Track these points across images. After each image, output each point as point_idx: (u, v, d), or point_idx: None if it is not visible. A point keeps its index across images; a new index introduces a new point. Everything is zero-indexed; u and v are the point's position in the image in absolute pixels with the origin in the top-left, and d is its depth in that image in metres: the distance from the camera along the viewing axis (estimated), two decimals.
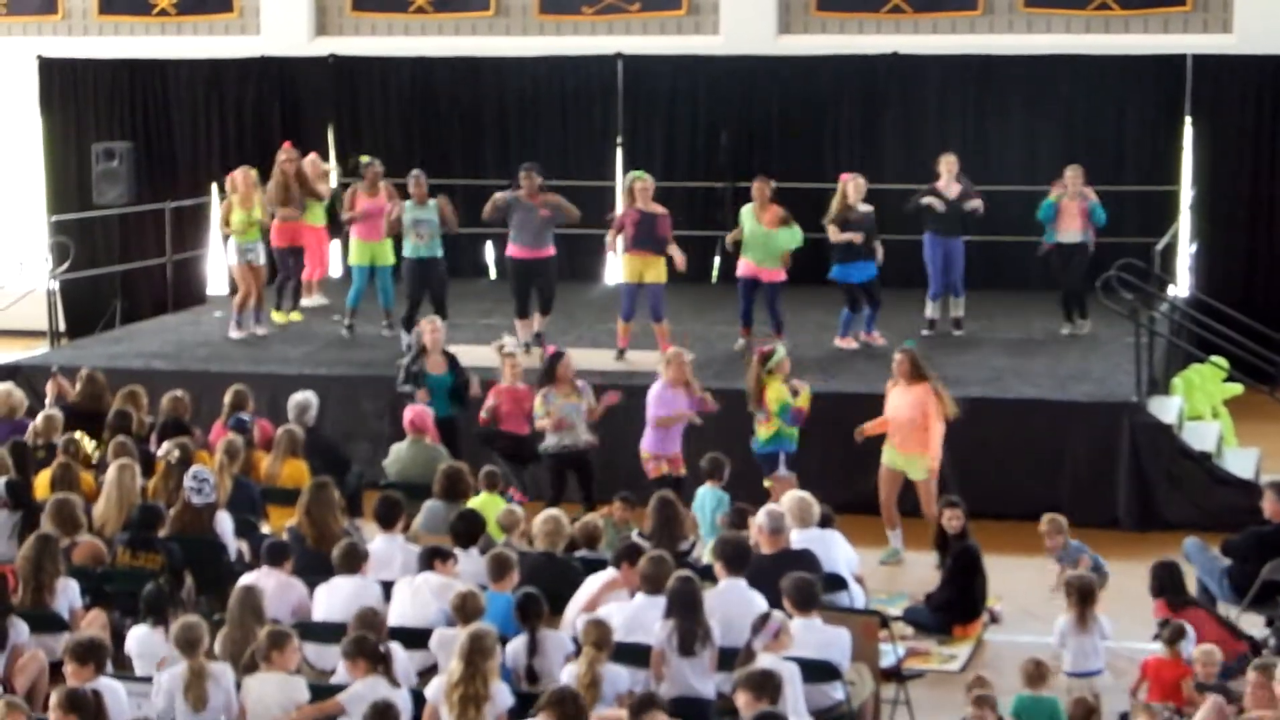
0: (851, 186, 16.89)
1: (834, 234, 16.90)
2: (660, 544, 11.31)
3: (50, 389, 15.32)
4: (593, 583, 10.46)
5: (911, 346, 13.96)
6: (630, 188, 16.60)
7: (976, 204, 17.47)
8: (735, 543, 10.36)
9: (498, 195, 17.00)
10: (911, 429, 13.64)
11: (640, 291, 16.54)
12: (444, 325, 15.37)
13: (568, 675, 9.19)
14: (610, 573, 10.48)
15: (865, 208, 16.96)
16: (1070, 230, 17.50)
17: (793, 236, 16.71)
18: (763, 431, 13.83)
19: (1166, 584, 11.26)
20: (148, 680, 9.42)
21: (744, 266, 16.90)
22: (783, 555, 10.75)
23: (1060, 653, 10.62)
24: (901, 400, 13.71)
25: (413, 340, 15.59)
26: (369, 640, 9.22)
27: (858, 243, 16.80)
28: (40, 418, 13.98)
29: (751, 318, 17.04)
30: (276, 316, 18.91)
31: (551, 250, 17.02)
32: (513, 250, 16.97)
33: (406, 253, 17.37)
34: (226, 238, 18.49)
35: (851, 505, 13.98)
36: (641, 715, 8.27)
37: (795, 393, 13.76)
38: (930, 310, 17.93)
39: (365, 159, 18.42)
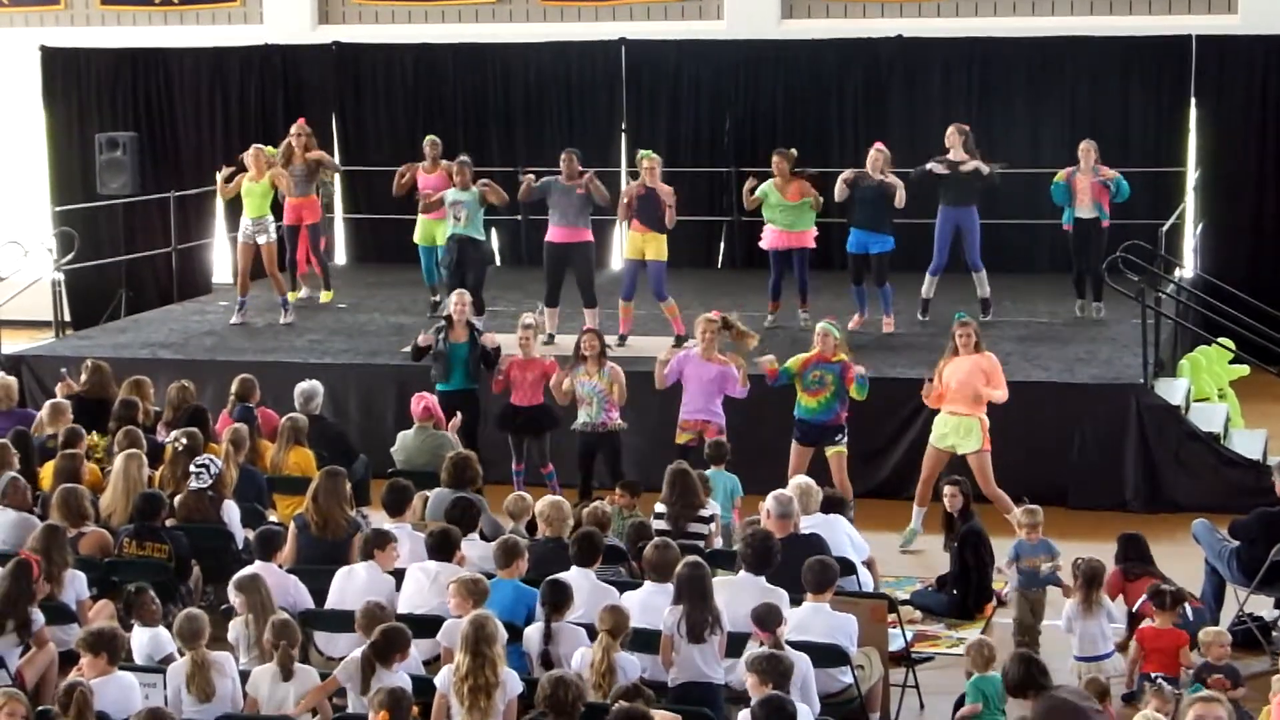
0: (871, 155, 16.87)
1: (839, 189, 16.83)
2: (678, 513, 11.49)
3: (61, 391, 15.02)
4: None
5: (967, 319, 13.83)
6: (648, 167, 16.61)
7: (977, 164, 17.12)
8: (759, 545, 10.11)
9: (542, 180, 16.89)
10: (971, 391, 13.46)
11: (641, 270, 16.55)
12: (469, 299, 15.29)
13: (582, 661, 9.17)
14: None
15: (880, 178, 16.77)
16: (1083, 205, 17.37)
17: (810, 209, 16.83)
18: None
19: (1131, 553, 11.57)
20: (157, 670, 9.41)
21: (772, 237, 16.92)
22: (790, 540, 10.73)
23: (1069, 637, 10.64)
24: (961, 366, 13.52)
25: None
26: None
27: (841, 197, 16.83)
28: (47, 407, 13.95)
29: (780, 291, 17.06)
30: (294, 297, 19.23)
31: (587, 235, 16.80)
32: (550, 234, 16.84)
33: (449, 231, 17.39)
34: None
35: (870, 491, 14.09)
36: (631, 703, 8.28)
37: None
38: (927, 289, 17.56)
39: (430, 139, 18.72)
